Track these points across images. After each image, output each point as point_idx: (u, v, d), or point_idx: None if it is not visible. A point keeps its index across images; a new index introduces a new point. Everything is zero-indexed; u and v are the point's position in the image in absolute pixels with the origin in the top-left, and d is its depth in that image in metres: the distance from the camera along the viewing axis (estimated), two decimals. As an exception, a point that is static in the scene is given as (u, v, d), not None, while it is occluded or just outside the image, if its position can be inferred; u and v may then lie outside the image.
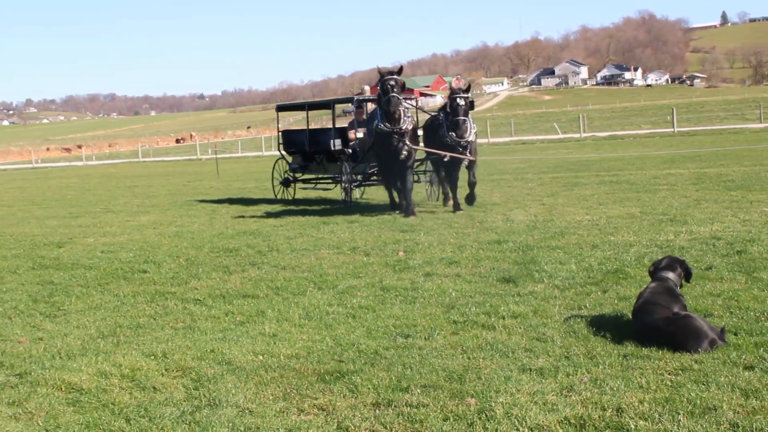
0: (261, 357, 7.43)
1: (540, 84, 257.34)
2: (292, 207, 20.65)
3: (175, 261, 12.91)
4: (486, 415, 5.68)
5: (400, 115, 17.18)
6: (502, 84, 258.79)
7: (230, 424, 5.83)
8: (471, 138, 17.91)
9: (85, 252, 14.38)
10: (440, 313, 8.68)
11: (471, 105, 17.69)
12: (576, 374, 6.43)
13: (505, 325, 8.02)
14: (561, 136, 58.10)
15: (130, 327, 8.90)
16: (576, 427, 5.43)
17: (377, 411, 5.94)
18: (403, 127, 17.31)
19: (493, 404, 5.85)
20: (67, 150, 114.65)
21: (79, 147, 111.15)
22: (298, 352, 7.54)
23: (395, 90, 16.97)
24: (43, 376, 7.19)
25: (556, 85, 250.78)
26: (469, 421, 5.61)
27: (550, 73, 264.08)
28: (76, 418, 6.20)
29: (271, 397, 6.39)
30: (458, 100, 17.46)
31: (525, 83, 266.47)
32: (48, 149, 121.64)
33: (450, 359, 7.05)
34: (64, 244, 15.59)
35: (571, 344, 7.24)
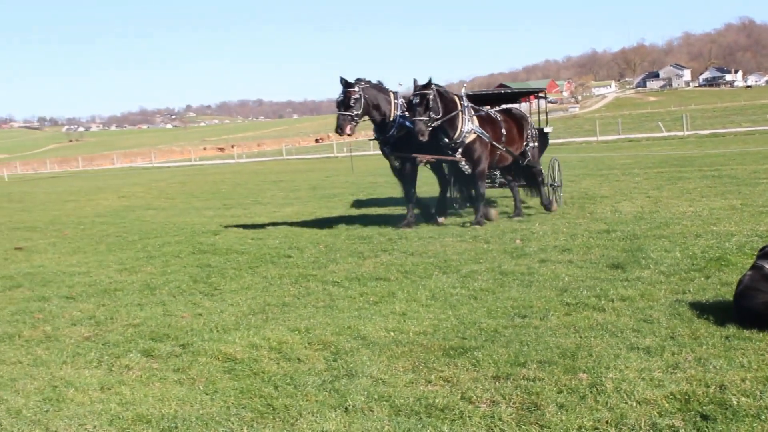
0: (392, 333, 7.47)
1: (645, 86, 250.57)
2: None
3: (315, 247, 13.08)
4: (597, 389, 5.60)
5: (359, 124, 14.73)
6: (610, 86, 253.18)
7: (365, 393, 5.89)
8: (462, 138, 14.57)
9: (238, 239, 14.71)
10: (554, 295, 8.57)
11: (427, 103, 13.94)
12: (681, 353, 6.27)
13: (614, 307, 7.88)
14: (665, 134, 56.65)
15: (277, 305, 9.06)
16: (681, 401, 5.30)
17: (497, 383, 5.92)
18: (391, 133, 14.94)
19: (603, 379, 5.76)
20: (221, 149, 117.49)
21: (232, 147, 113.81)
22: (425, 329, 7.56)
23: (341, 108, 14.44)
24: (202, 347, 7.39)
25: (661, 87, 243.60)
26: (581, 395, 5.54)
27: (655, 76, 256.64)
28: (232, 384, 6.37)
29: (401, 369, 6.43)
30: (413, 98, 14.26)
31: (631, 86, 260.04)
32: (204, 149, 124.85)
33: (563, 338, 6.97)
34: (219, 232, 15.98)
35: (676, 326, 7.06)
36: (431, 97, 14.09)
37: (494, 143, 15.07)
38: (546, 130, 17.94)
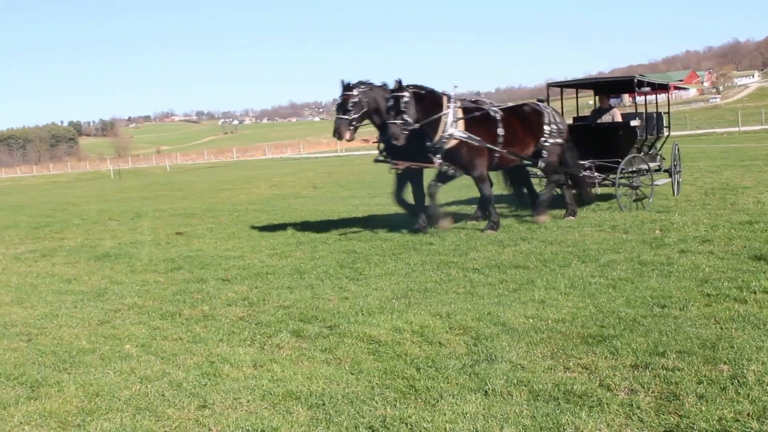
0: (531, 320, 7.41)
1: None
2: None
3: (456, 235, 13.07)
4: (738, 381, 5.40)
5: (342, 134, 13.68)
6: (753, 77, 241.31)
7: (505, 377, 5.87)
8: (441, 143, 13.43)
9: (382, 226, 14.82)
10: (694, 286, 8.30)
11: (399, 106, 12.87)
12: (828, 347, 5.98)
13: (757, 299, 7.57)
14: (813, 124, 53.78)
15: (419, 290, 9.11)
16: (829, 396, 5.06)
17: (636, 372, 5.79)
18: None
19: (745, 371, 5.55)
20: (366, 141, 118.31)
21: (377, 138, 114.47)
22: (564, 317, 7.46)
23: (339, 112, 13.80)
24: (348, 329, 7.52)
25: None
26: (721, 386, 5.36)
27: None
28: (376, 365, 6.46)
29: (540, 355, 6.38)
30: (387, 101, 13.42)
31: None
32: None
33: (703, 328, 6.74)
34: (364, 220, 16.15)
35: (824, 319, 6.74)
36: (405, 100, 12.98)
37: (489, 146, 13.70)
38: (633, 123, 15.89)
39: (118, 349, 7.59)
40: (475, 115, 13.91)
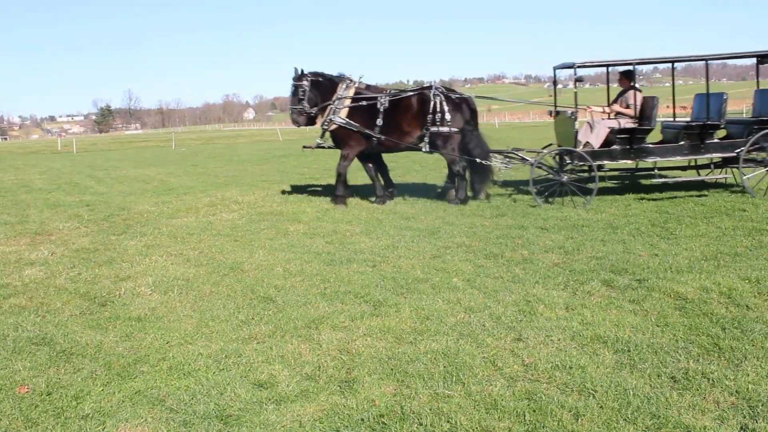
0: None
1: None
2: None
3: (771, 204, 12.02)
4: None
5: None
6: None
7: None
8: (327, 126, 14.09)
9: (696, 189, 13.98)
10: None
11: (297, 93, 13.93)
12: None
13: None
14: None
15: (729, 254, 8.51)
16: None
17: None
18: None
19: None
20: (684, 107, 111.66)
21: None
22: None
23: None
24: (657, 284, 7.23)
25: None
26: None
27: None
28: (681, 320, 6.17)
29: None
30: (291, 88, 14.17)
31: None
32: (667, 107, 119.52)
33: None
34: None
35: None
36: (305, 87, 13.97)
37: (367, 131, 13.89)
38: (568, 111, 13.77)
39: (446, 281, 7.90)
40: (362, 104, 14.03)
